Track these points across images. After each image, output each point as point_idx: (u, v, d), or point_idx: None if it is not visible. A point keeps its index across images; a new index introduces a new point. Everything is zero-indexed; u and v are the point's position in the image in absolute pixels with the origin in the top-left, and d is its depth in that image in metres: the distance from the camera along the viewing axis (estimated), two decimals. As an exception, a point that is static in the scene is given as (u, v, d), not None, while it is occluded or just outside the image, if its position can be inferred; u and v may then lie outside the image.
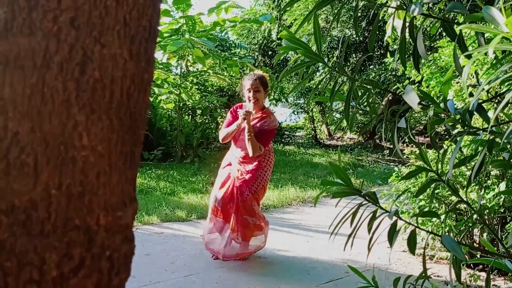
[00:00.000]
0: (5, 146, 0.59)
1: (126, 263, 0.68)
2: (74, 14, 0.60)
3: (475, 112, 1.26)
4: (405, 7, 1.42)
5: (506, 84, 1.74)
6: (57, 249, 0.60)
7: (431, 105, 1.31)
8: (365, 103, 1.63)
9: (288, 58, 10.86)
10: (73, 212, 0.62)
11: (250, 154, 3.42)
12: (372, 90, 1.60)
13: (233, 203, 3.47)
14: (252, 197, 3.49)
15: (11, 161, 0.60)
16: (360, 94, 1.60)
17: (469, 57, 1.36)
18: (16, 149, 0.59)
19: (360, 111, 1.68)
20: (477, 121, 2.77)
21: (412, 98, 1.24)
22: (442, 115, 1.31)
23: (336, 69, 1.56)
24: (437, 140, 1.49)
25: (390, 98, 8.93)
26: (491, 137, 1.29)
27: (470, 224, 2.67)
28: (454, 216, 3.26)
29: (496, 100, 1.76)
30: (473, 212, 1.77)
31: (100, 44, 0.62)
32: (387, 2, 1.47)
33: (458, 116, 1.29)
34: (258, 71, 3.74)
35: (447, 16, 1.36)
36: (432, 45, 6.12)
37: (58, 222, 0.61)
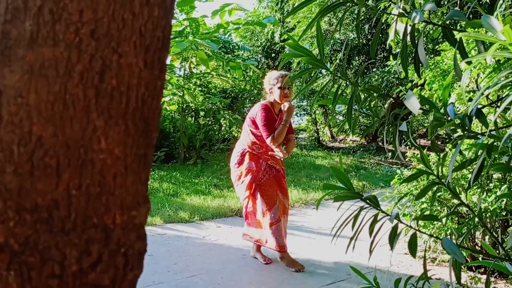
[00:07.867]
0: (30, 149, 0.63)
1: (139, 259, 0.72)
2: (94, 27, 0.64)
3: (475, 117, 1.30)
4: (406, 14, 1.45)
5: (508, 88, 1.77)
6: (77, 245, 0.65)
7: (431, 110, 1.34)
8: (368, 107, 1.66)
9: (292, 61, 10.89)
10: (92, 211, 0.66)
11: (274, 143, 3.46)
12: (374, 95, 1.63)
13: None
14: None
15: (35, 163, 0.64)
16: (362, 98, 1.64)
17: (469, 62, 1.39)
18: (40, 152, 0.64)
19: (362, 114, 1.71)
20: (479, 124, 2.79)
21: (413, 104, 1.27)
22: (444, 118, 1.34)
23: (339, 74, 1.60)
24: (440, 143, 1.53)
25: (392, 101, 8.95)
26: (490, 141, 1.32)
27: (471, 227, 2.69)
28: (456, 219, 3.29)
29: (498, 104, 1.79)
30: (473, 215, 1.79)
31: (117, 54, 0.66)
32: (389, 6, 1.50)
33: (458, 121, 1.32)
34: (275, 72, 3.55)
35: (448, 22, 1.39)
36: (435, 48, 6.15)
37: (78, 220, 0.65)
